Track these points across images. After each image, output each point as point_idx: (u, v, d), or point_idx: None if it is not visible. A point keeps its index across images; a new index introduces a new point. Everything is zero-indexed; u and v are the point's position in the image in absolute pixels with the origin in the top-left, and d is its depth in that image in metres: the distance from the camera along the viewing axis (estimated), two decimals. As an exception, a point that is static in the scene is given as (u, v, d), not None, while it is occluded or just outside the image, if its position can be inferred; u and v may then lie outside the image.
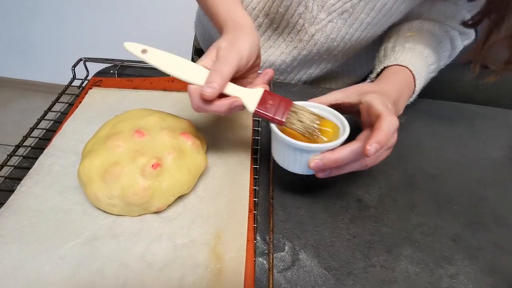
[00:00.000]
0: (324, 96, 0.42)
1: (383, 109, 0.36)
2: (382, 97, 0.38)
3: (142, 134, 0.39)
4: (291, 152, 0.37)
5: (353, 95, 0.41)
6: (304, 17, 0.54)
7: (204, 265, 0.35)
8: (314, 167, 0.36)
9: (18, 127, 1.71)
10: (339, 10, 0.52)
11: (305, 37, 0.56)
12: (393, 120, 0.35)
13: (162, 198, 0.37)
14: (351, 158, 0.36)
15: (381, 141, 0.34)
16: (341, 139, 0.36)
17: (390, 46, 0.52)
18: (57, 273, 0.33)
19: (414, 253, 0.38)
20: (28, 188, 0.40)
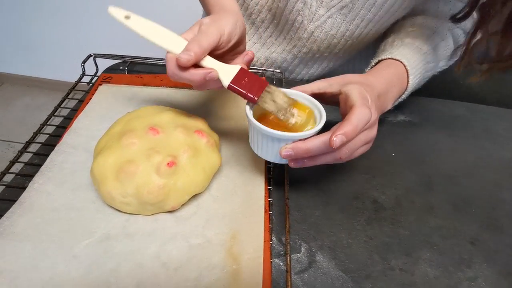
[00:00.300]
0: (307, 85, 0.41)
1: (357, 100, 0.35)
2: (362, 89, 0.37)
3: (157, 132, 0.38)
4: (264, 140, 0.37)
5: (336, 85, 0.40)
6: (302, 14, 0.53)
7: (220, 266, 0.34)
8: (285, 156, 0.35)
9: (21, 124, 1.70)
10: (339, 6, 0.50)
11: (305, 35, 0.55)
12: (364, 112, 0.34)
13: (177, 197, 0.37)
14: (323, 149, 0.34)
15: (347, 133, 0.32)
16: (315, 129, 0.35)
17: (390, 40, 0.51)
18: (71, 272, 0.33)
19: (433, 256, 0.38)
20: (40, 185, 0.39)
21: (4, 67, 1.84)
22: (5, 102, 1.81)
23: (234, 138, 0.46)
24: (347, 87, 0.38)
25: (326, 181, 0.44)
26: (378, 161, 0.46)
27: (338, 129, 0.33)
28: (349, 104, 0.36)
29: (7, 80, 1.89)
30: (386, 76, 0.44)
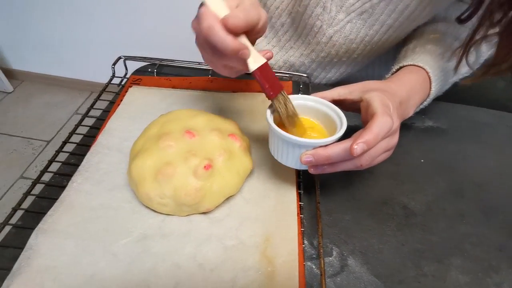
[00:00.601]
0: (327, 91, 0.41)
1: (379, 108, 0.35)
2: (384, 96, 0.37)
3: (193, 135, 0.39)
4: (284, 146, 0.37)
5: (356, 92, 0.40)
6: (321, 18, 0.52)
7: (255, 268, 0.35)
8: (305, 162, 0.35)
9: (41, 121, 1.74)
10: (359, 10, 0.50)
11: (323, 39, 0.55)
12: (386, 120, 0.34)
13: (212, 199, 0.38)
14: (344, 156, 0.34)
15: (368, 142, 0.32)
16: (336, 136, 0.35)
17: (411, 46, 0.51)
18: (111, 270, 0.34)
19: (464, 263, 0.38)
20: (79, 185, 0.40)
21: (25, 65, 1.88)
22: (25, 99, 1.85)
23: (263, 142, 0.47)
24: (368, 94, 0.37)
25: (355, 186, 0.44)
26: (406, 167, 0.47)
27: (359, 137, 0.33)
28: (371, 112, 0.36)
29: (27, 78, 1.94)
30: (408, 82, 0.44)
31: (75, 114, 1.79)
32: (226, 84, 0.56)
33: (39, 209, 0.39)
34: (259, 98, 0.53)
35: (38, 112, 1.79)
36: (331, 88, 0.59)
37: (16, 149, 1.60)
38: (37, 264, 0.33)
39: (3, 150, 1.58)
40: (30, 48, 1.78)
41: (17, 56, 1.85)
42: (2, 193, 1.40)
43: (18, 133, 1.67)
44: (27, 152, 1.59)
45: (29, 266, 0.33)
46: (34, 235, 0.35)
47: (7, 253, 0.35)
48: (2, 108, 1.79)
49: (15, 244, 0.36)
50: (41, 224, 0.36)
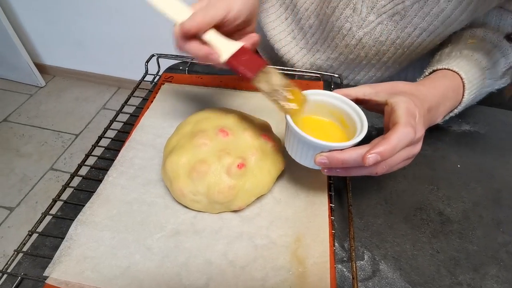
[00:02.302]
0: (352, 88, 0.39)
1: (402, 118, 0.32)
2: (411, 102, 0.34)
3: (226, 134, 0.39)
4: (300, 145, 0.36)
5: (383, 94, 0.37)
6: (351, 20, 0.51)
7: (286, 268, 0.35)
8: (319, 164, 0.34)
9: (70, 115, 1.81)
10: (390, 12, 0.48)
11: (352, 41, 0.53)
12: (407, 132, 0.32)
13: (244, 198, 0.38)
14: (359, 162, 0.32)
15: (383, 153, 0.31)
16: (355, 140, 0.34)
17: (447, 51, 0.48)
18: (146, 262, 0.35)
19: (499, 272, 0.36)
20: (114, 179, 0.42)
21: (57, 60, 1.96)
22: (56, 94, 1.93)
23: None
24: (394, 98, 0.35)
25: (387, 190, 0.43)
26: (442, 172, 0.45)
27: (375, 147, 0.31)
28: (393, 119, 0.33)
29: (59, 73, 2.01)
30: (440, 87, 0.41)
31: (102, 108, 1.85)
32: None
33: (77, 201, 0.41)
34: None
35: (68, 106, 1.86)
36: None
37: (47, 141, 1.67)
38: (76, 253, 0.35)
39: (35, 142, 1.66)
40: (62, 45, 1.85)
41: (49, 52, 1.93)
42: (33, 183, 1.47)
43: (49, 126, 1.74)
44: (57, 145, 1.66)
45: (69, 256, 0.34)
46: (73, 226, 0.37)
47: (48, 241, 0.37)
48: (35, 102, 1.87)
49: (55, 234, 0.38)
50: (80, 215, 0.38)
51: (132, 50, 1.70)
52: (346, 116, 0.38)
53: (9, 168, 1.54)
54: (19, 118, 1.78)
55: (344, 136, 0.38)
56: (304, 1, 0.56)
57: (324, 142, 0.33)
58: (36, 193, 1.43)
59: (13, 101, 1.87)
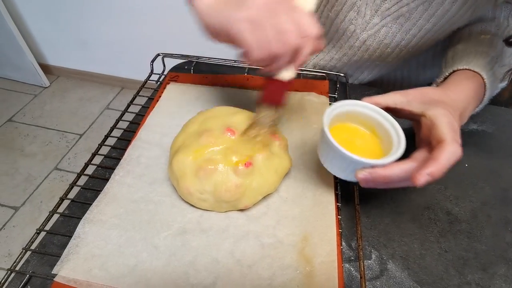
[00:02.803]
0: (381, 97, 0.38)
1: (448, 134, 0.32)
2: (449, 115, 0.34)
3: (233, 132, 0.39)
4: (338, 159, 0.35)
5: (416, 103, 0.37)
6: (355, 23, 0.50)
7: (293, 267, 0.35)
8: (361, 179, 0.34)
9: (74, 115, 1.81)
10: (395, 15, 0.48)
11: (357, 43, 0.53)
12: (455, 151, 0.31)
13: (251, 197, 0.38)
14: (403, 177, 0.33)
15: (434, 174, 0.30)
16: (395, 157, 0.33)
17: (461, 47, 0.48)
18: (153, 261, 0.35)
19: (508, 272, 0.36)
20: (121, 178, 0.42)
21: (61, 61, 1.97)
22: (61, 94, 1.94)
23: (300, 141, 0.47)
24: (432, 110, 0.35)
25: (395, 189, 0.42)
26: (450, 171, 0.44)
27: (426, 167, 0.31)
28: (437, 136, 0.33)
29: (63, 73, 2.02)
30: (466, 91, 0.41)
31: (106, 108, 1.85)
32: (262, 82, 0.56)
33: (84, 199, 0.41)
34: (295, 97, 0.53)
35: (72, 106, 1.87)
36: (366, 88, 0.59)
37: (51, 141, 1.67)
38: (84, 252, 0.35)
39: (39, 142, 1.67)
40: (67, 45, 1.86)
41: (54, 52, 1.93)
42: (38, 183, 1.48)
43: (54, 126, 1.75)
44: (61, 145, 1.66)
45: (77, 254, 0.35)
46: (81, 224, 0.37)
47: (56, 240, 0.37)
48: (39, 102, 1.88)
49: (62, 232, 0.38)
50: (87, 214, 0.38)
51: (136, 51, 1.71)
52: (378, 126, 0.38)
53: (14, 168, 1.55)
54: (23, 118, 1.79)
55: (377, 146, 0.38)
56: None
57: (366, 160, 0.33)
58: (41, 193, 1.44)
59: (18, 101, 1.88)
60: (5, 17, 1.64)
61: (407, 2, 0.45)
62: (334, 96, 0.54)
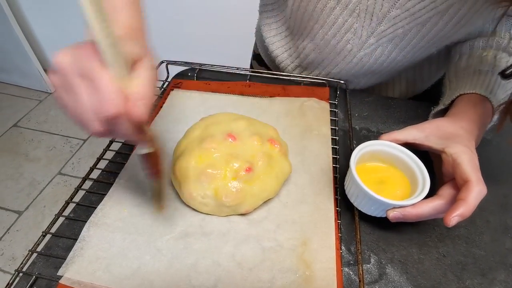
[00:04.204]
0: (399, 133, 0.40)
1: (472, 174, 0.34)
2: (470, 152, 0.36)
3: (234, 138, 0.40)
4: (367, 200, 0.37)
5: (434, 138, 0.39)
6: (352, 43, 0.52)
7: (293, 270, 0.35)
8: (393, 219, 0.36)
9: (79, 120, 1.83)
10: (390, 36, 0.49)
11: (354, 60, 0.54)
12: (481, 190, 0.33)
13: (252, 202, 0.39)
14: (433, 214, 0.35)
15: (464, 214, 0.32)
16: (422, 195, 0.36)
17: (463, 65, 0.48)
18: (156, 263, 0.36)
19: (508, 277, 0.36)
20: (125, 182, 0.43)
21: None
22: (65, 100, 1.96)
23: (300, 146, 0.48)
24: (453, 149, 0.37)
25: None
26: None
27: (455, 209, 0.33)
28: (462, 175, 0.34)
29: (68, 80, 2.05)
30: (476, 119, 0.42)
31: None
32: (263, 90, 0.57)
33: (89, 203, 0.42)
34: (296, 103, 0.54)
35: (76, 112, 1.89)
36: (365, 95, 0.60)
37: (56, 146, 1.69)
38: (89, 254, 0.36)
39: (44, 147, 1.69)
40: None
41: (59, 58, 1.96)
42: (41, 188, 1.49)
43: (58, 131, 1.77)
44: (65, 150, 1.68)
45: (82, 256, 0.35)
46: (86, 227, 0.38)
47: (61, 242, 0.38)
48: (44, 107, 1.91)
49: (68, 235, 0.39)
50: (92, 217, 0.38)
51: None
52: (402, 164, 0.40)
53: (19, 172, 1.56)
54: (28, 123, 1.81)
55: (403, 180, 0.40)
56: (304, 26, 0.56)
57: (396, 202, 0.36)
58: (44, 197, 1.45)
59: (23, 106, 1.90)
60: (13, 24, 1.68)
61: (402, 25, 0.47)
62: (334, 103, 0.55)
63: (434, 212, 0.35)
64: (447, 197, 0.35)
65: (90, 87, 0.25)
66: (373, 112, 0.56)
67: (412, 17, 0.45)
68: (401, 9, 0.45)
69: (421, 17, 0.45)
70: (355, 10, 0.48)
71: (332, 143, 0.49)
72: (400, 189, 0.39)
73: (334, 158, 0.46)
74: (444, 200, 0.35)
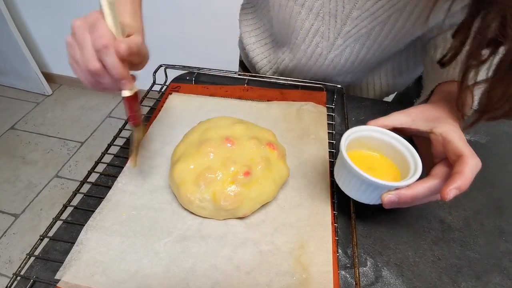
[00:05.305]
0: (387, 118, 0.40)
1: (465, 148, 0.34)
2: (458, 130, 0.36)
3: (232, 142, 0.41)
4: (360, 184, 0.36)
5: (421, 121, 0.39)
6: (321, 46, 0.54)
7: (290, 273, 0.35)
8: (388, 202, 0.35)
9: (76, 123, 1.83)
10: (355, 36, 0.51)
11: (325, 62, 0.56)
12: (476, 163, 0.33)
13: (250, 205, 0.39)
14: (428, 194, 0.35)
15: (461, 187, 0.32)
16: (416, 176, 0.35)
17: (438, 57, 0.47)
18: (153, 267, 0.36)
19: (503, 280, 0.37)
20: (123, 185, 0.43)
21: (64, 70, 1.99)
22: (63, 102, 1.96)
23: (297, 150, 0.48)
24: (441, 128, 0.37)
25: (390, 198, 0.44)
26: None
27: (452, 183, 0.32)
28: (453, 150, 0.34)
29: (66, 82, 2.05)
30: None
31: (108, 117, 1.87)
32: (261, 93, 0.57)
33: (87, 206, 0.42)
34: (294, 107, 0.55)
35: (74, 114, 1.89)
36: (361, 98, 0.61)
37: (53, 149, 1.69)
38: (86, 258, 0.36)
39: (41, 150, 1.68)
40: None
41: (57, 61, 1.96)
42: (38, 190, 1.49)
43: (55, 134, 1.77)
44: (63, 152, 1.67)
45: (79, 260, 0.35)
46: (84, 231, 0.38)
47: (59, 246, 0.38)
48: (42, 110, 1.90)
49: (65, 238, 0.39)
50: (90, 221, 0.39)
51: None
52: (392, 149, 0.39)
53: (15, 175, 1.56)
54: (25, 126, 1.80)
55: (393, 167, 0.39)
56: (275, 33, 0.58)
57: (391, 183, 0.34)
58: (41, 200, 1.45)
59: (21, 109, 1.90)
60: (11, 28, 1.68)
61: (365, 24, 0.49)
62: (331, 107, 0.56)
63: (429, 193, 0.34)
64: (441, 176, 0.35)
65: (92, 33, 0.33)
66: (369, 116, 0.56)
67: (373, 16, 0.48)
68: (361, 10, 0.48)
69: (381, 16, 0.47)
70: (319, 14, 0.50)
71: (329, 147, 0.49)
72: (390, 174, 0.39)
73: (331, 162, 0.47)
74: (439, 180, 0.34)
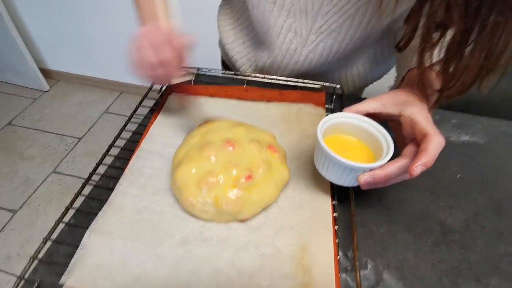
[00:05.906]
0: (359, 105, 0.42)
1: (429, 127, 0.36)
2: (425, 112, 0.38)
3: (233, 146, 0.41)
4: (336, 167, 0.38)
5: (391, 106, 0.41)
6: (295, 42, 0.55)
7: (292, 276, 0.36)
8: (364, 183, 0.37)
9: (74, 119, 1.82)
10: (327, 31, 0.53)
11: (301, 58, 0.57)
12: (440, 140, 0.35)
13: (251, 209, 0.39)
14: (399, 173, 0.37)
15: (427, 163, 0.34)
16: (388, 156, 0.37)
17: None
18: (156, 271, 0.36)
19: (502, 283, 0.37)
20: (125, 188, 0.43)
21: (61, 65, 1.98)
22: (60, 98, 1.95)
23: (297, 152, 0.48)
24: (409, 110, 0.39)
25: (390, 199, 0.44)
26: (443, 182, 0.46)
27: (418, 159, 0.34)
28: (419, 130, 0.37)
29: (63, 78, 2.03)
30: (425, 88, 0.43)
31: (105, 112, 1.86)
32: (260, 94, 0.57)
33: (89, 208, 0.42)
34: (293, 108, 0.55)
35: (71, 110, 1.88)
36: (359, 99, 0.60)
37: (50, 144, 1.68)
38: (90, 262, 0.36)
39: (38, 146, 1.67)
40: (67, 50, 1.87)
41: (54, 57, 1.94)
42: (36, 186, 1.48)
43: (53, 129, 1.76)
44: (60, 148, 1.67)
45: (83, 264, 0.36)
46: (87, 235, 0.38)
47: (62, 249, 0.38)
48: (39, 106, 1.89)
49: (68, 241, 0.39)
50: (93, 224, 0.39)
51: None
52: (366, 133, 0.41)
53: (13, 171, 1.55)
54: (23, 121, 1.79)
55: (367, 151, 0.41)
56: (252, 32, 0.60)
57: (364, 164, 0.37)
58: (39, 196, 1.44)
59: (18, 105, 1.89)
60: (8, 24, 1.66)
61: (335, 19, 0.51)
62: (330, 108, 0.56)
63: (401, 172, 0.36)
64: (410, 155, 0.37)
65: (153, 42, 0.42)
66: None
67: (341, 11, 0.49)
68: (330, 5, 0.49)
69: (350, 10, 0.49)
70: (290, 10, 0.52)
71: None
72: (364, 156, 0.41)
73: (332, 164, 0.47)
74: (409, 158, 0.36)
